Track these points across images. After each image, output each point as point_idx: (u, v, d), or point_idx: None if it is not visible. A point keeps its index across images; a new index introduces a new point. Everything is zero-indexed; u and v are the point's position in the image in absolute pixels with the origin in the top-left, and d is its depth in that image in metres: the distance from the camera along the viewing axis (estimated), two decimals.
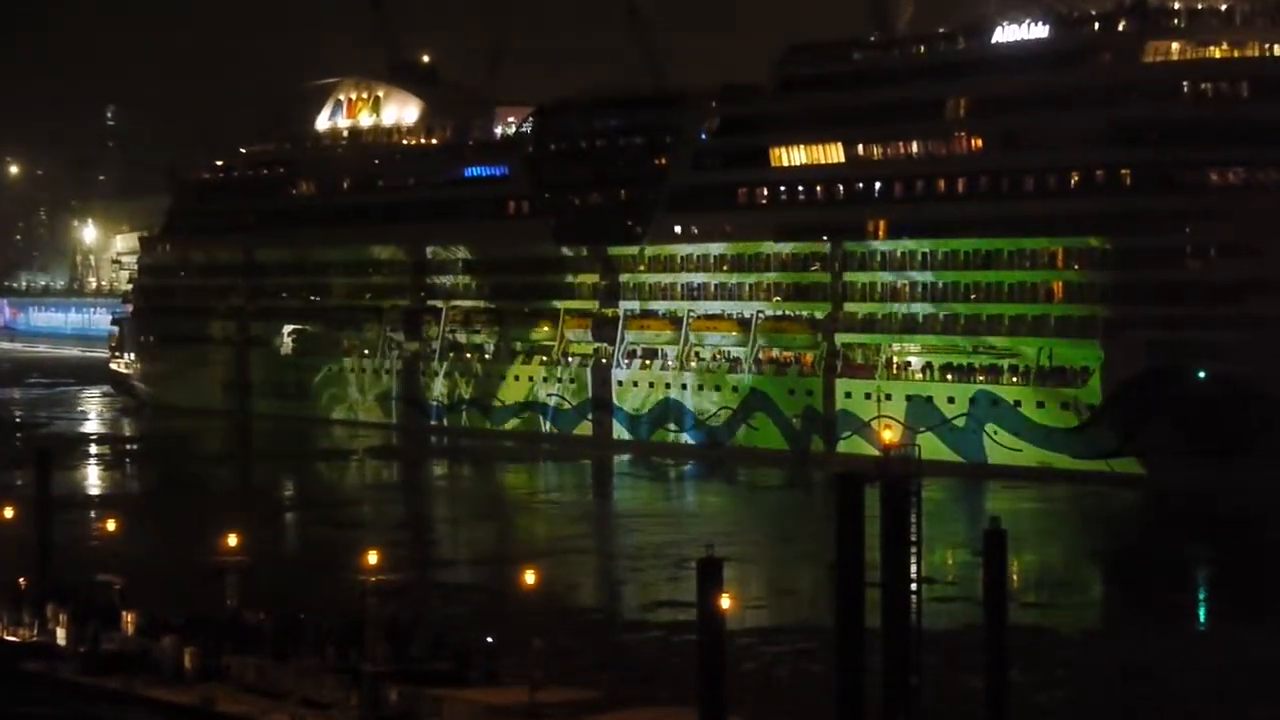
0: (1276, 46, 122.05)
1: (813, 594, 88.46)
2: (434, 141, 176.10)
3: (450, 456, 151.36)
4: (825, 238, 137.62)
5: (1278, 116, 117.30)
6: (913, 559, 50.15)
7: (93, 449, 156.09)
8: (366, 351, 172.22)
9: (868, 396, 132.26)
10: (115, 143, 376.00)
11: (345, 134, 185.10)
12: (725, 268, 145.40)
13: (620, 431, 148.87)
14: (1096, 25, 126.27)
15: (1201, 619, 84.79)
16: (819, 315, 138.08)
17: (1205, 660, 72.02)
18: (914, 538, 50.24)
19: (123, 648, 61.94)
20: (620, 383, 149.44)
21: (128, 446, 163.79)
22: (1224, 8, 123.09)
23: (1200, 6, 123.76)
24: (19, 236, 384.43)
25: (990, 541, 52.21)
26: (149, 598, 67.77)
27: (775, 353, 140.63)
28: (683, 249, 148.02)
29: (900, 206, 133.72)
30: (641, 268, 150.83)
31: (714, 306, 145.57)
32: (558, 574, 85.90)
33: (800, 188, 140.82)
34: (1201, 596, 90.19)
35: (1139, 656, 72.21)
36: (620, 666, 68.09)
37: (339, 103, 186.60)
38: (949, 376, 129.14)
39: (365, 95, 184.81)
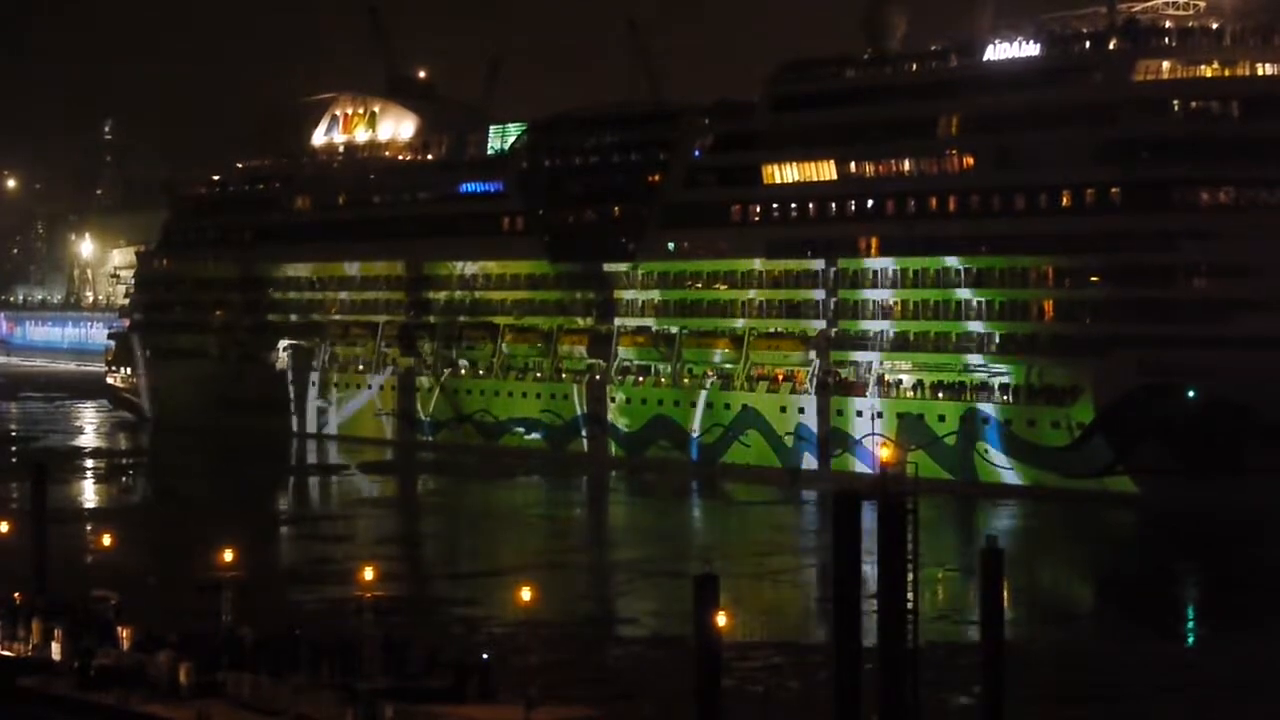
0: (1266, 66, 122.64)
1: (793, 609, 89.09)
2: (430, 157, 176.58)
3: (444, 472, 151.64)
4: (817, 255, 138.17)
5: (1268, 135, 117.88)
6: (909, 576, 50.42)
7: (88, 463, 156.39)
8: (361, 367, 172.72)
9: (859, 414, 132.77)
10: (113, 157, 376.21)
11: (341, 149, 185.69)
12: (718, 284, 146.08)
13: (614, 447, 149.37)
14: (1088, 44, 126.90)
15: (1188, 638, 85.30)
16: (811, 332, 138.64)
17: (1186, 676, 72.62)
18: (910, 556, 50.54)
19: (118, 663, 62.10)
20: (614, 399, 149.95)
21: (123, 461, 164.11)
22: (1214, 27, 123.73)
23: (1191, 25, 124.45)
24: (16, 250, 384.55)
25: (987, 559, 52.52)
26: (145, 613, 68.10)
27: (767, 369, 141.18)
28: (676, 265, 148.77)
29: (892, 224, 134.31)
30: (635, 284, 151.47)
31: (707, 323, 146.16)
32: (551, 588, 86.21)
33: (793, 205, 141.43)
34: (1189, 614, 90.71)
35: (1122, 673, 72.73)
36: (613, 682, 68.53)
37: (335, 118, 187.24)
38: (940, 394, 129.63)
39: (361, 110, 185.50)
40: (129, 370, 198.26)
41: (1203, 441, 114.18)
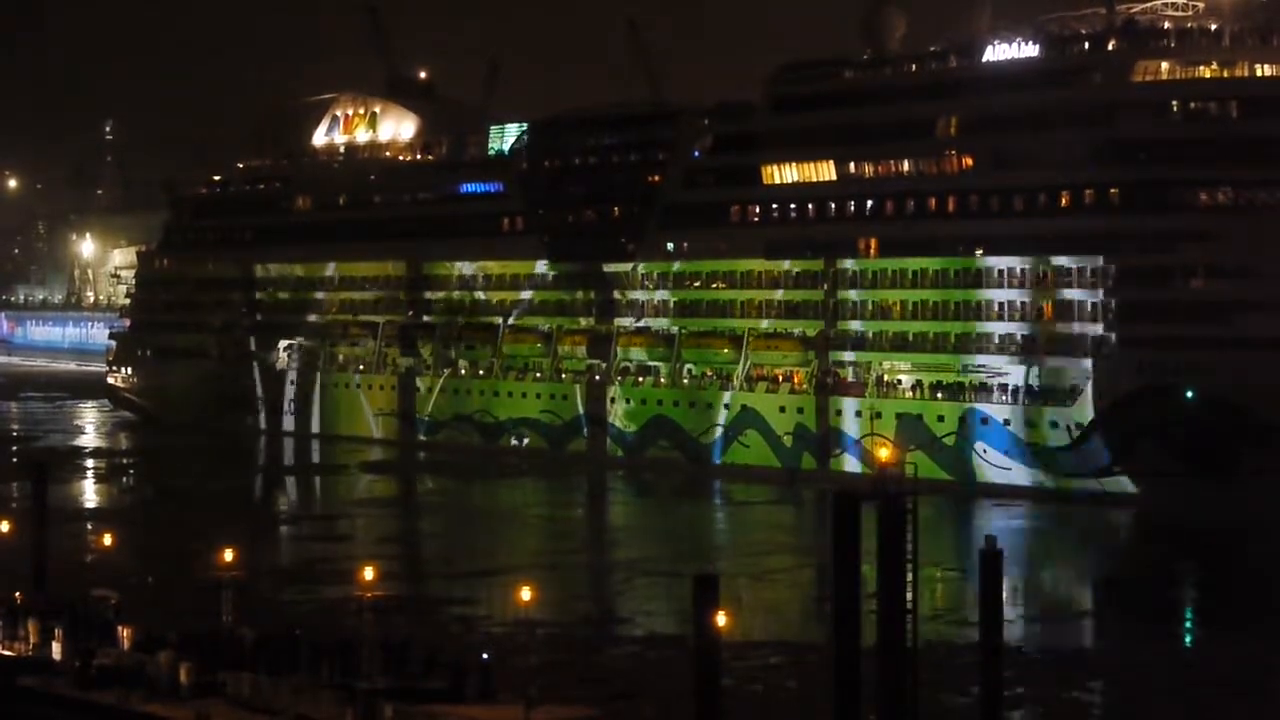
0: (1265, 66, 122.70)
1: (792, 609, 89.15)
2: (430, 157, 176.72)
3: (444, 472, 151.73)
4: (817, 255, 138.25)
5: (1267, 136, 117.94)
6: (908, 576, 50.48)
7: (88, 463, 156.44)
8: (362, 367, 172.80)
9: (858, 414, 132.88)
10: (113, 157, 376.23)
11: (342, 150, 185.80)
12: (717, 285, 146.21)
13: (614, 447, 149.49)
14: (1086, 45, 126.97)
15: (1188, 638, 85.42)
16: (810, 333, 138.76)
17: (1186, 676, 72.73)
18: (909, 556, 50.62)
19: (118, 662, 62.22)
20: (614, 399, 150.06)
21: (123, 460, 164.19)
22: (1213, 28, 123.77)
23: (1190, 26, 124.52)
24: (17, 250, 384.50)
25: (986, 561, 52.60)
26: (145, 613, 68.22)
27: (767, 370, 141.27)
28: (675, 266, 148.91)
29: (891, 225, 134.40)
30: (635, 285, 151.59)
31: (706, 324, 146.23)
32: (551, 588, 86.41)
33: (792, 205, 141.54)
34: (1188, 614, 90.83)
35: (1122, 673, 72.86)
36: (613, 682, 68.66)
37: (336, 118, 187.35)
38: (939, 395, 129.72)
39: (362, 111, 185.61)
40: (130, 370, 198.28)
41: (1201, 442, 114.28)
